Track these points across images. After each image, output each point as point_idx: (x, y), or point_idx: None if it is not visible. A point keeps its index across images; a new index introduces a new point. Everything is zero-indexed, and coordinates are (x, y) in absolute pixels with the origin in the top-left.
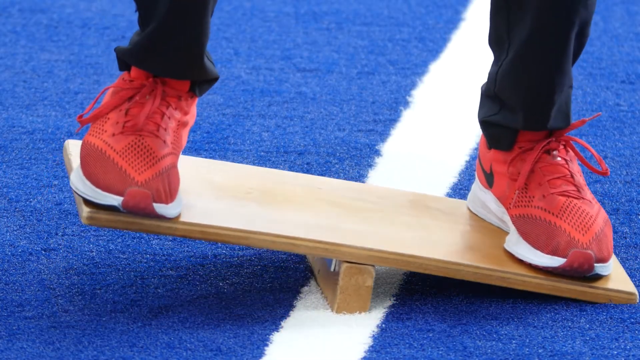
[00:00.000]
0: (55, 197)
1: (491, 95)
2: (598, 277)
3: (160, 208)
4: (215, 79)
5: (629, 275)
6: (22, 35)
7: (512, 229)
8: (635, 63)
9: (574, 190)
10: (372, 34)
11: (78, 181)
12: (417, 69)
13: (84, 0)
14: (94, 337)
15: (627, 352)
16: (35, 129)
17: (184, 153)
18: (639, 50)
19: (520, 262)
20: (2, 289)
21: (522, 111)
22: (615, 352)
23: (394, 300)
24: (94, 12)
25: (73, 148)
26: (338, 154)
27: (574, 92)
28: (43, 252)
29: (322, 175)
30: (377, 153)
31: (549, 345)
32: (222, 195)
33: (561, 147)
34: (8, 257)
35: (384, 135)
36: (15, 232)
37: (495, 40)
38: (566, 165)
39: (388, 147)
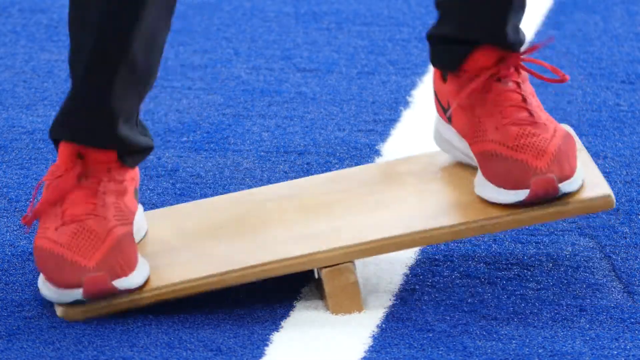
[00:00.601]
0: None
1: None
2: (568, 194)
3: (121, 282)
4: (147, 149)
5: (630, 276)
6: (22, 35)
7: (478, 166)
8: (635, 63)
9: (526, 117)
10: (372, 34)
11: (43, 287)
12: (417, 69)
13: None
14: (94, 337)
15: (627, 352)
16: (35, 129)
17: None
18: (639, 50)
19: (493, 204)
20: (2, 289)
21: (466, 18)
22: (615, 352)
23: (394, 300)
24: None
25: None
26: (338, 154)
27: (574, 91)
28: None
29: None
30: (377, 153)
31: (549, 345)
32: (192, 243)
33: (512, 70)
34: (8, 257)
35: (384, 135)
36: (15, 232)
37: None
38: (518, 90)
39: (388, 147)
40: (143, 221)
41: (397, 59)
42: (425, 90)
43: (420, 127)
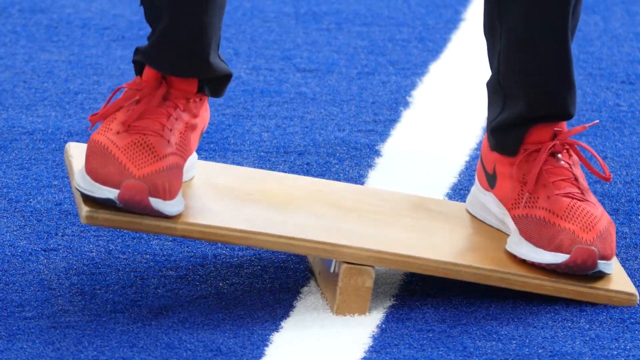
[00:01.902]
0: (55, 197)
1: (495, 86)
2: (601, 274)
3: (156, 203)
4: (227, 76)
5: (630, 276)
6: (22, 35)
7: (513, 230)
8: (635, 63)
9: (578, 193)
10: (372, 34)
11: (80, 177)
12: (417, 69)
13: (84, 0)
14: (94, 337)
15: (627, 352)
16: (35, 129)
17: None
18: (639, 50)
19: (521, 263)
20: (2, 289)
21: (532, 98)
22: (615, 352)
23: (394, 300)
24: (94, 12)
25: (74, 150)
26: (338, 154)
27: None
28: (43, 252)
29: (322, 175)
30: (377, 153)
31: (549, 345)
32: (223, 197)
33: (564, 151)
34: (8, 257)
35: (384, 135)
36: (15, 232)
37: (489, 27)
38: (570, 169)
39: (388, 147)
40: (194, 165)
41: (397, 59)
42: (425, 90)
43: (420, 127)
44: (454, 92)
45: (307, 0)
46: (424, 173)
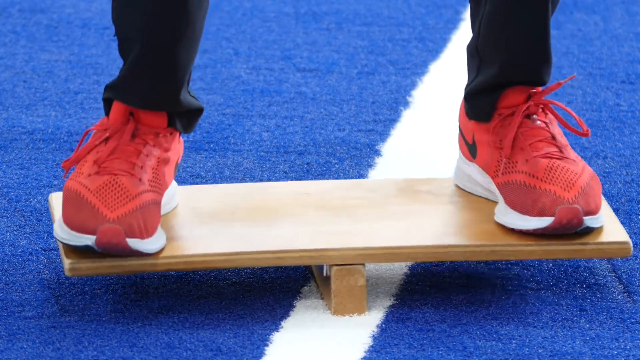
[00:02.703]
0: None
1: (472, 50)
2: (589, 230)
3: (134, 243)
4: (198, 110)
5: (630, 276)
6: (22, 35)
7: (499, 198)
8: (635, 63)
9: (556, 152)
10: (372, 34)
11: (58, 227)
12: (417, 69)
13: (84, 0)
14: (94, 337)
15: (627, 352)
16: (35, 129)
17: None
18: (639, 50)
19: (510, 232)
20: (2, 289)
21: (506, 64)
22: (615, 352)
23: (394, 300)
24: (94, 12)
25: (56, 200)
26: (338, 154)
27: (574, 91)
28: (43, 252)
29: (322, 175)
30: (377, 153)
31: (549, 345)
32: (207, 221)
33: (540, 110)
34: (8, 257)
35: (384, 135)
36: (15, 232)
37: None
38: (547, 128)
39: (388, 147)
40: (175, 195)
41: (397, 59)
42: (425, 90)
43: (420, 127)
44: (454, 92)
45: (307, 0)
46: (424, 172)
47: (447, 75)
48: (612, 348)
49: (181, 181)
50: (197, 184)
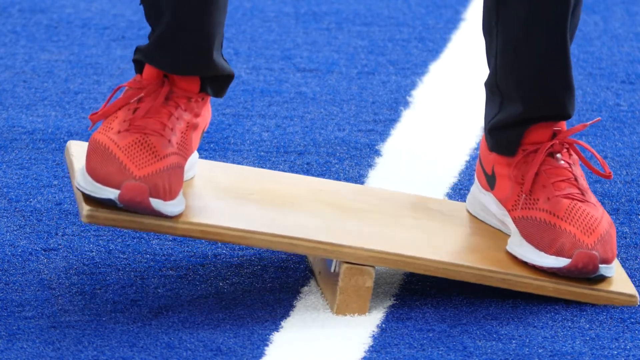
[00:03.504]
0: (55, 197)
1: (492, 87)
2: (602, 278)
3: (157, 204)
4: (229, 76)
5: (630, 276)
6: (22, 35)
7: (514, 231)
8: (635, 63)
9: (578, 194)
10: (372, 34)
11: (80, 177)
12: (417, 69)
13: (84, 0)
14: (94, 337)
15: (627, 352)
16: (35, 129)
17: None
18: (639, 50)
19: (522, 264)
20: (2, 289)
21: (529, 99)
22: (615, 352)
23: (394, 300)
24: (94, 12)
25: (75, 148)
26: (338, 154)
27: None
28: (43, 252)
29: (322, 175)
30: (377, 153)
31: (549, 345)
32: (223, 196)
33: (564, 150)
34: (8, 257)
35: (384, 135)
36: (15, 232)
37: (487, 26)
38: (570, 169)
39: (388, 147)
40: (196, 164)
41: (397, 59)
42: (425, 90)
43: (420, 127)
44: (454, 92)
45: (307, 0)
46: (424, 173)
47: (447, 75)
48: (612, 348)
49: None
50: None
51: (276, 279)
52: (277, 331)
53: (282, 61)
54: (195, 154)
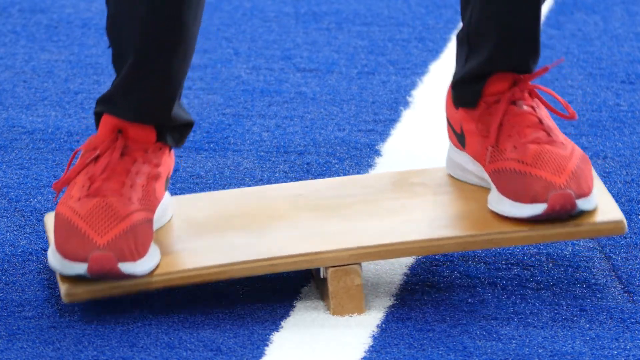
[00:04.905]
0: (55, 197)
1: (462, 39)
2: (584, 212)
3: (127, 267)
4: (189, 125)
5: (630, 276)
6: (22, 35)
7: (492, 186)
8: (635, 63)
9: (544, 136)
10: (372, 34)
11: (51, 255)
12: (417, 69)
13: (84, 0)
14: (94, 337)
15: (627, 352)
16: (35, 129)
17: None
18: (639, 50)
19: (505, 220)
20: (2, 289)
21: (494, 51)
22: (615, 352)
23: (394, 300)
24: (94, 12)
25: (50, 223)
26: (338, 154)
27: (574, 91)
28: (43, 252)
29: (322, 175)
30: (377, 153)
31: (549, 345)
32: (198, 232)
33: (526, 95)
34: (8, 257)
35: (384, 135)
36: (15, 232)
37: None
38: (533, 112)
39: (388, 147)
40: (169, 207)
41: (397, 59)
42: (425, 90)
43: (420, 127)
44: None
45: (307, 0)
46: None
47: (447, 75)
48: (612, 348)
49: (181, 181)
50: (197, 183)
51: (276, 279)
52: (277, 331)
53: (282, 61)
54: (167, 197)
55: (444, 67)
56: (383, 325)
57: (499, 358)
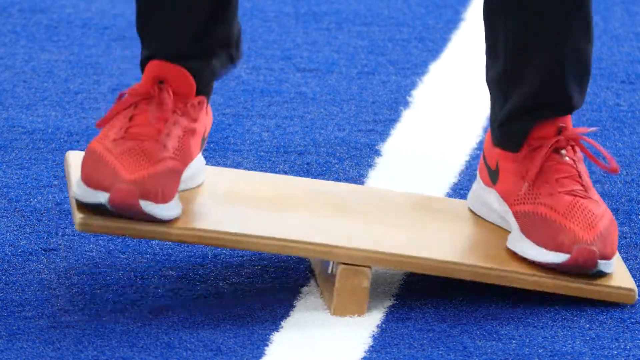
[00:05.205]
0: (55, 197)
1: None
2: (601, 274)
3: (147, 206)
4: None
5: (628, 270)
6: (22, 35)
7: (514, 226)
8: (635, 63)
9: (581, 190)
10: (372, 34)
11: (75, 185)
12: (417, 69)
13: (84, 0)
14: (94, 337)
15: (627, 352)
16: (35, 129)
17: None
18: (639, 50)
19: (521, 261)
20: (2, 289)
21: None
22: (615, 352)
23: (394, 300)
24: (94, 12)
25: (73, 159)
26: (338, 154)
27: None
28: (43, 252)
29: (322, 175)
30: (377, 153)
31: (549, 345)
32: (220, 201)
33: (569, 147)
34: (8, 257)
35: (384, 135)
36: (15, 232)
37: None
38: (574, 165)
39: (388, 147)
40: (201, 171)
41: (397, 59)
42: (425, 90)
43: (420, 127)
44: (454, 92)
45: (307, 0)
46: (424, 173)
47: (447, 75)
48: (612, 348)
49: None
50: None
51: (276, 279)
52: (277, 331)
53: (282, 61)
54: (202, 161)
55: (444, 67)
56: (383, 325)
57: (499, 358)
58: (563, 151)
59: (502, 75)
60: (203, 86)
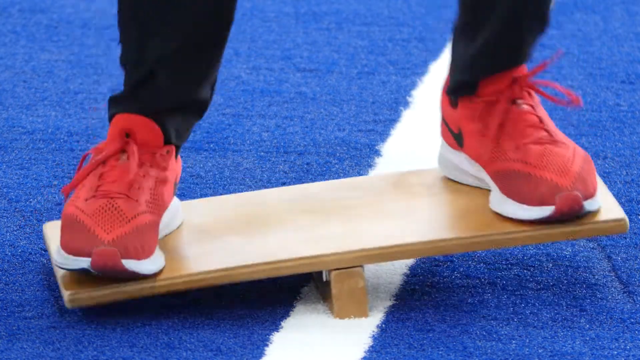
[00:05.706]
0: (55, 197)
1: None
2: (590, 213)
3: (130, 264)
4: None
5: (629, 276)
6: (22, 35)
7: (493, 187)
8: (635, 63)
9: (546, 136)
10: (372, 34)
11: (55, 253)
12: (417, 69)
13: (84, 0)
14: (94, 337)
15: (627, 352)
16: (35, 129)
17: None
18: (639, 50)
19: (506, 220)
20: (2, 289)
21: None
22: (615, 352)
23: (394, 300)
24: (94, 12)
25: (50, 231)
26: (338, 154)
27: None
28: (43, 252)
29: (322, 175)
30: (377, 153)
31: (549, 345)
32: (201, 237)
33: (525, 93)
34: (8, 257)
35: (384, 135)
36: (15, 232)
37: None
38: (533, 112)
39: (388, 147)
40: (178, 213)
41: (397, 59)
42: (425, 90)
43: (420, 127)
44: None
45: (307, 0)
46: None
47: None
48: (612, 348)
49: (181, 181)
50: (197, 184)
51: (276, 279)
52: (277, 331)
53: (282, 61)
54: (176, 203)
55: (444, 67)
56: (383, 325)
57: (499, 358)
58: (520, 100)
59: (464, 25)
60: (171, 135)
